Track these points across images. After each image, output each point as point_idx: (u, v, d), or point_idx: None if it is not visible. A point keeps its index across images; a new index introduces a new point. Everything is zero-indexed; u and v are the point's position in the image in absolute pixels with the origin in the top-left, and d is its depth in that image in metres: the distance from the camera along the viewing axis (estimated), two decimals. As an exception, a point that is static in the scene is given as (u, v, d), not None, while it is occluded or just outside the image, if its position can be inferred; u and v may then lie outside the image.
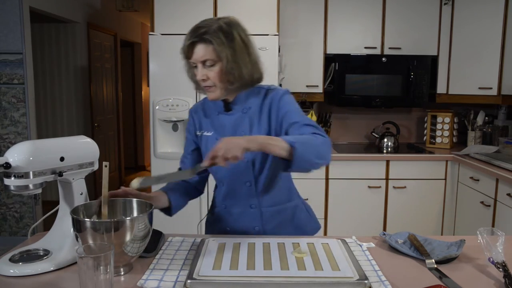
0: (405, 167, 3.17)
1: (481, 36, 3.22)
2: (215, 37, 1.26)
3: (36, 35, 4.64)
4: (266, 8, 2.97)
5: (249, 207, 1.42)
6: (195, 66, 1.30)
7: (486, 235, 1.14)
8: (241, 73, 1.30)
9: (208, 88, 1.31)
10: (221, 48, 1.26)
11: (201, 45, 1.27)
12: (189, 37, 1.28)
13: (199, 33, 1.26)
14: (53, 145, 1.17)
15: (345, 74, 3.33)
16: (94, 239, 1.02)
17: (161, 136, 3.00)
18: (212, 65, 1.28)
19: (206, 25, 1.27)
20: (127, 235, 1.04)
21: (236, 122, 1.37)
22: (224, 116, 1.40)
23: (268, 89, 1.41)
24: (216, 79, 1.29)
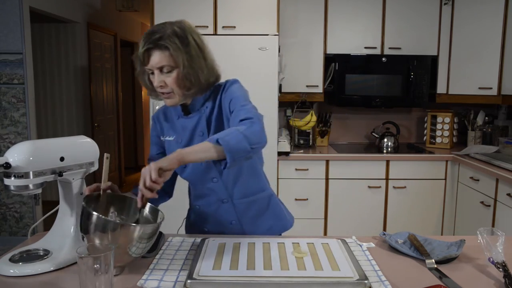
0: (405, 167, 3.17)
1: (481, 36, 3.22)
2: (171, 43, 1.23)
3: (36, 35, 4.64)
4: (266, 8, 2.97)
5: (221, 202, 1.42)
6: (151, 72, 1.27)
7: (486, 235, 1.14)
8: (198, 78, 1.28)
9: (166, 95, 1.29)
10: (177, 53, 1.23)
11: (157, 51, 1.23)
12: (143, 43, 1.23)
13: (154, 39, 1.23)
14: (53, 145, 1.17)
15: (345, 74, 3.33)
16: (101, 237, 1.02)
17: (161, 136, 2.99)
18: (169, 71, 1.25)
19: (160, 30, 1.24)
20: (134, 238, 1.04)
21: (196, 124, 1.37)
22: (184, 119, 1.39)
23: (218, 85, 1.38)
24: (173, 85, 1.27)
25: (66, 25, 4.71)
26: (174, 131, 1.42)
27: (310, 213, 3.18)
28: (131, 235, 1.03)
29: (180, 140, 1.39)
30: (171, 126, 1.43)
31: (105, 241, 1.02)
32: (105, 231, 1.02)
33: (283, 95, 3.35)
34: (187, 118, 1.38)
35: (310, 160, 3.11)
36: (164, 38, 1.23)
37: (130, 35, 6.31)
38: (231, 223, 1.44)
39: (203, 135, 1.35)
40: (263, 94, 2.92)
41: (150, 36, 1.23)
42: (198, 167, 1.37)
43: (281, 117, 3.66)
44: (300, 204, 3.16)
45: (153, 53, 1.24)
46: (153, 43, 1.23)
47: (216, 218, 1.45)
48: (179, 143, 1.38)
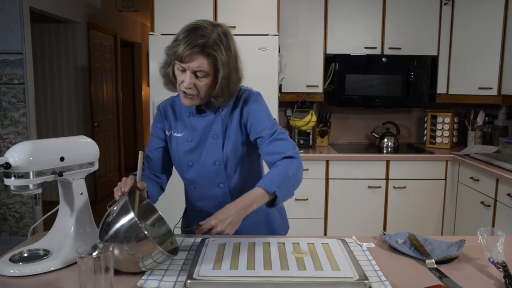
0: (405, 167, 3.17)
1: (481, 36, 3.22)
2: (218, 53, 1.21)
3: (36, 35, 4.64)
4: (266, 8, 2.97)
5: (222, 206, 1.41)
6: (182, 70, 1.24)
7: (486, 235, 1.14)
8: (230, 89, 1.28)
9: (189, 96, 1.27)
10: (221, 65, 1.22)
11: (200, 56, 1.20)
12: (187, 43, 1.19)
13: (200, 44, 1.19)
14: (53, 145, 1.17)
15: (345, 74, 3.33)
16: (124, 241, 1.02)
17: (161, 136, 2.99)
18: (203, 76, 1.24)
19: (205, 34, 1.21)
20: (150, 255, 1.04)
21: (209, 125, 1.35)
22: (196, 118, 1.37)
23: (239, 91, 1.38)
24: (202, 91, 1.26)
25: (66, 25, 4.71)
26: (183, 128, 1.39)
27: (310, 213, 3.18)
28: (150, 251, 1.03)
29: (190, 138, 1.37)
30: (180, 122, 1.40)
31: (123, 247, 1.01)
32: (131, 238, 1.01)
33: (283, 95, 3.35)
34: (200, 117, 1.36)
35: (310, 160, 3.11)
36: (211, 45, 1.20)
37: (130, 35, 6.31)
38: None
39: (217, 138, 1.34)
40: (263, 94, 2.90)
41: (196, 39, 1.19)
42: (207, 171, 1.36)
43: (281, 117, 3.66)
44: (300, 204, 3.16)
45: (196, 56, 1.20)
46: (198, 48, 1.19)
47: None
48: (189, 141, 1.37)
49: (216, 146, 1.34)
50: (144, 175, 1.38)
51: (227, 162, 1.35)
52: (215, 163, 1.35)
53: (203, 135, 1.35)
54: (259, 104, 1.35)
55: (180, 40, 1.21)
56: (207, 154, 1.35)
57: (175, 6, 2.97)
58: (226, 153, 1.34)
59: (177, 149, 1.39)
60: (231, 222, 1.15)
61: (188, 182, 1.44)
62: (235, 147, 1.35)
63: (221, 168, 1.35)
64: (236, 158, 1.35)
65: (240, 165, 1.38)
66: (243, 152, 1.37)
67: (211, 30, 1.23)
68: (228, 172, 1.36)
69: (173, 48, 1.23)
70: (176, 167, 1.43)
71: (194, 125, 1.37)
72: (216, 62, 1.22)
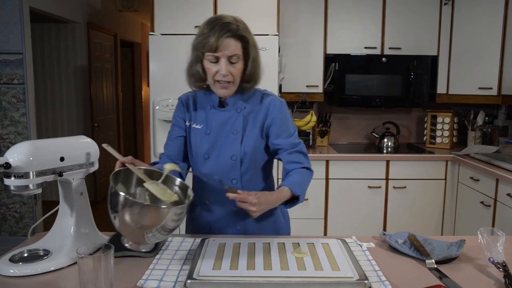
0: (405, 167, 3.16)
1: (481, 36, 3.22)
2: (249, 35, 1.30)
3: (36, 35, 4.64)
4: (266, 8, 2.97)
5: (233, 205, 1.41)
6: (215, 61, 1.29)
7: (486, 235, 1.14)
8: (258, 73, 1.36)
9: (224, 84, 1.32)
10: (251, 47, 1.31)
11: (233, 40, 1.27)
12: (217, 33, 1.25)
13: (231, 29, 1.26)
14: (53, 145, 1.17)
15: (345, 74, 3.33)
16: (130, 217, 1.02)
17: (161, 136, 2.99)
18: (236, 62, 1.30)
19: (228, 21, 1.28)
20: (169, 218, 1.05)
21: (230, 120, 1.38)
22: (217, 111, 1.40)
23: (263, 94, 1.43)
24: (236, 76, 1.32)
25: (66, 25, 4.71)
26: (202, 121, 1.41)
27: (310, 213, 3.18)
28: (161, 216, 1.03)
29: (209, 131, 1.39)
30: (200, 115, 1.43)
31: (133, 220, 1.02)
32: (133, 212, 1.02)
33: (283, 95, 3.35)
34: (221, 111, 1.39)
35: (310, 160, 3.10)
36: (239, 29, 1.28)
37: (130, 35, 6.31)
38: (236, 228, 1.44)
39: (237, 133, 1.37)
40: (263, 94, 2.91)
41: (224, 26, 1.26)
42: (222, 165, 1.38)
43: (281, 117, 3.65)
44: (300, 204, 3.13)
45: (229, 42, 1.27)
46: (230, 33, 1.26)
47: (223, 219, 1.44)
48: (207, 134, 1.39)
49: (235, 141, 1.37)
50: (161, 163, 1.41)
51: (244, 158, 1.38)
52: (232, 158, 1.37)
53: (222, 129, 1.38)
54: (284, 113, 1.42)
55: (207, 32, 1.27)
56: (225, 148, 1.38)
57: (175, 6, 2.97)
58: (244, 149, 1.37)
59: (195, 141, 1.41)
60: (262, 210, 1.23)
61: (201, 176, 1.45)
62: (254, 145, 1.39)
63: (237, 163, 1.38)
64: (253, 156, 1.39)
65: (255, 164, 1.41)
66: (261, 151, 1.41)
67: (231, 18, 1.30)
68: (242, 169, 1.39)
69: (203, 41, 1.28)
70: (192, 159, 1.44)
71: (213, 119, 1.40)
72: (246, 44, 1.30)
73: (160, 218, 1.04)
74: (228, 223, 1.44)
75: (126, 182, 1.19)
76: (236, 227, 1.44)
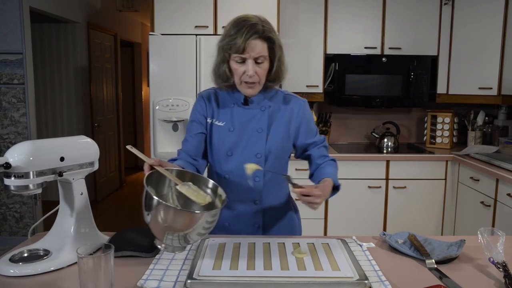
0: (405, 167, 3.16)
1: (481, 36, 3.22)
2: (275, 36, 1.32)
3: (36, 35, 4.64)
4: (266, 8, 2.97)
5: (253, 203, 1.42)
6: (242, 62, 1.31)
7: (486, 235, 1.14)
8: (283, 72, 1.39)
9: (251, 84, 1.34)
10: (277, 47, 1.33)
11: (260, 41, 1.29)
12: (244, 34, 1.27)
13: (258, 30, 1.28)
14: (53, 145, 1.17)
15: (345, 74, 3.33)
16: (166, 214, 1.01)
17: (161, 136, 3.00)
18: (262, 62, 1.32)
19: (254, 22, 1.30)
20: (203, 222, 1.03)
21: (254, 118, 1.40)
22: (242, 109, 1.41)
23: (285, 94, 1.47)
24: (262, 76, 1.34)
25: (66, 25, 4.71)
26: (225, 118, 1.42)
27: (310, 213, 3.17)
28: (194, 220, 1.02)
29: (232, 128, 1.40)
30: (222, 112, 1.43)
31: (166, 222, 1.01)
32: (167, 216, 1.01)
33: (283, 95, 3.35)
34: (245, 109, 1.41)
35: (310, 160, 3.11)
36: (265, 30, 1.30)
37: (130, 35, 6.31)
38: (254, 226, 1.45)
39: (261, 131, 1.39)
40: (263, 94, 2.91)
41: (251, 27, 1.28)
42: (247, 162, 1.37)
43: (281, 117, 3.65)
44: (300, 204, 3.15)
45: (255, 43, 1.29)
46: (257, 34, 1.28)
47: (242, 217, 1.44)
48: (231, 131, 1.40)
49: (260, 139, 1.39)
50: (180, 159, 1.40)
51: (268, 156, 1.40)
52: (257, 155, 1.39)
53: (246, 127, 1.40)
54: (309, 112, 1.49)
55: (234, 34, 1.29)
56: (250, 146, 1.39)
57: (175, 6, 2.97)
58: (269, 147, 1.39)
59: (218, 138, 1.41)
60: (323, 201, 1.26)
61: (222, 173, 1.43)
62: (278, 144, 1.41)
63: (261, 161, 1.39)
64: (276, 154, 1.41)
65: (278, 161, 1.43)
66: (284, 149, 1.44)
67: (256, 19, 1.33)
68: (266, 166, 1.40)
69: (230, 43, 1.30)
70: (214, 157, 1.44)
71: (237, 116, 1.41)
72: (272, 45, 1.33)
73: (193, 222, 1.02)
74: (247, 221, 1.44)
75: (158, 183, 1.17)
76: (254, 225, 1.45)
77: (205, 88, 2.92)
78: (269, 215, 1.46)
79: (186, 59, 2.91)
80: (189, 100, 2.93)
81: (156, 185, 1.16)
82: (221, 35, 1.36)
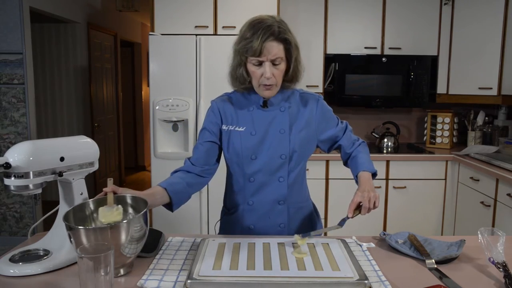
0: (405, 167, 3.16)
1: (481, 36, 3.22)
2: (289, 36, 1.31)
3: (36, 35, 4.64)
4: (266, 8, 2.97)
5: (277, 204, 1.42)
6: (258, 64, 1.31)
7: (486, 235, 1.14)
8: (300, 72, 1.39)
9: (268, 86, 1.33)
10: (293, 48, 1.32)
11: (276, 43, 1.28)
12: (260, 37, 1.26)
13: (271, 33, 1.27)
14: (53, 145, 1.17)
15: (345, 74, 3.33)
16: (89, 241, 1.00)
17: (161, 136, 3.00)
18: (279, 64, 1.31)
19: (270, 24, 1.28)
20: (122, 237, 1.02)
21: (275, 119, 1.40)
22: (261, 111, 1.41)
23: (301, 93, 1.47)
24: (279, 78, 1.34)
25: (66, 25, 4.71)
26: (245, 122, 1.41)
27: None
28: (120, 233, 1.01)
29: (254, 132, 1.40)
30: (241, 117, 1.42)
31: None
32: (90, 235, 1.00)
33: (283, 95, 3.35)
34: (264, 111, 1.41)
35: (310, 160, 3.07)
36: (281, 32, 1.29)
37: (130, 35, 6.31)
38: (280, 226, 1.45)
39: (284, 132, 1.39)
40: (263, 94, 2.91)
41: (266, 30, 1.27)
42: (271, 164, 1.39)
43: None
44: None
45: (272, 45, 1.28)
46: (272, 37, 1.27)
47: (267, 218, 1.44)
48: (253, 135, 1.39)
49: (283, 140, 1.39)
50: (168, 182, 1.36)
51: (293, 156, 1.40)
52: (281, 157, 1.39)
53: (267, 129, 1.40)
54: (326, 106, 1.50)
55: (250, 36, 1.28)
56: (274, 147, 1.39)
57: (175, 6, 2.97)
58: (292, 147, 1.39)
59: (240, 143, 1.40)
60: (376, 198, 1.32)
61: (246, 176, 1.42)
62: (301, 143, 1.41)
63: (286, 161, 1.39)
64: (300, 153, 1.41)
65: (301, 160, 1.44)
66: (306, 148, 1.44)
67: (272, 20, 1.31)
68: (290, 166, 1.41)
69: (246, 45, 1.29)
70: (237, 162, 1.42)
71: (257, 119, 1.41)
72: (289, 46, 1.32)
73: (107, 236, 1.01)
74: (273, 222, 1.44)
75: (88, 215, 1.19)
76: (280, 225, 1.45)
77: (205, 88, 2.95)
78: (293, 214, 1.46)
79: (186, 59, 2.91)
80: (189, 100, 2.93)
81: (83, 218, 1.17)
82: (236, 38, 1.35)
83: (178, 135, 3.02)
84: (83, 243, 1.00)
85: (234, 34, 2.95)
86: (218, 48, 2.90)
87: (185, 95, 2.94)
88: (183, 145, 3.01)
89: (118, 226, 1.01)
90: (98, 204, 1.17)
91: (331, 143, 1.53)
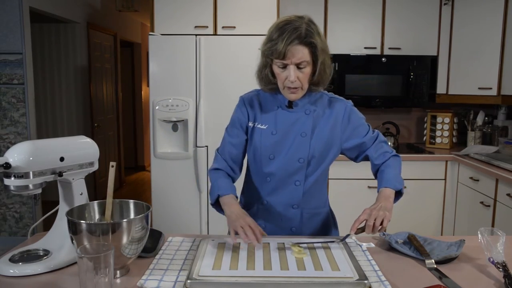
0: (405, 167, 3.12)
1: (481, 36, 3.22)
2: (315, 40, 1.27)
3: (36, 35, 4.64)
4: (266, 8, 2.97)
5: (291, 207, 1.41)
6: (283, 67, 1.29)
7: (486, 235, 1.14)
8: (327, 75, 1.35)
9: (293, 90, 1.31)
10: (320, 51, 1.28)
11: (300, 47, 1.25)
12: (285, 40, 1.23)
13: (297, 36, 1.24)
14: (53, 145, 1.17)
15: (345, 74, 3.33)
16: (90, 241, 1.01)
17: (161, 136, 3.00)
18: (304, 67, 1.28)
19: (297, 26, 1.25)
20: (124, 237, 1.03)
21: (298, 121, 1.38)
22: (285, 112, 1.39)
23: (331, 97, 1.45)
24: (304, 81, 1.31)
25: (66, 25, 4.71)
26: (268, 121, 1.40)
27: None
28: (122, 232, 1.02)
29: (275, 131, 1.38)
30: (265, 115, 1.41)
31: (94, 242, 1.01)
32: (93, 233, 1.01)
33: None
34: (288, 112, 1.39)
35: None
36: (307, 35, 1.25)
37: (130, 35, 6.31)
38: (291, 229, 1.44)
39: (305, 136, 1.37)
40: (263, 94, 2.91)
41: (292, 32, 1.24)
42: (289, 166, 1.37)
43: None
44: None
45: (296, 49, 1.25)
46: (298, 40, 1.24)
47: (279, 220, 1.43)
48: (273, 134, 1.38)
49: (303, 143, 1.37)
50: (220, 167, 1.41)
51: (311, 161, 1.38)
52: (299, 160, 1.37)
53: (290, 130, 1.38)
54: (357, 112, 1.45)
55: (276, 38, 1.26)
56: (293, 150, 1.37)
57: (175, 6, 2.97)
58: (312, 152, 1.37)
59: (260, 141, 1.40)
60: (386, 216, 1.30)
61: (264, 175, 1.42)
62: (322, 149, 1.38)
63: (304, 166, 1.38)
64: (318, 159, 1.39)
65: (320, 167, 1.41)
66: (327, 155, 1.41)
67: (300, 21, 1.28)
68: (308, 171, 1.39)
69: (271, 48, 1.27)
70: (255, 160, 1.42)
71: (280, 119, 1.39)
72: (314, 49, 1.27)
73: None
74: (283, 224, 1.44)
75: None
76: (291, 228, 1.44)
77: (205, 88, 2.95)
78: (307, 219, 1.44)
79: (186, 59, 2.91)
80: (188, 100, 2.93)
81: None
82: (264, 39, 1.33)
83: (178, 135, 3.02)
84: (83, 242, 1.00)
85: (234, 34, 2.95)
86: (218, 48, 2.90)
87: (185, 95, 2.94)
88: (183, 145, 3.01)
89: (119, 224, 1.02)
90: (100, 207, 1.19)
91: (358, 152, 1.47)
